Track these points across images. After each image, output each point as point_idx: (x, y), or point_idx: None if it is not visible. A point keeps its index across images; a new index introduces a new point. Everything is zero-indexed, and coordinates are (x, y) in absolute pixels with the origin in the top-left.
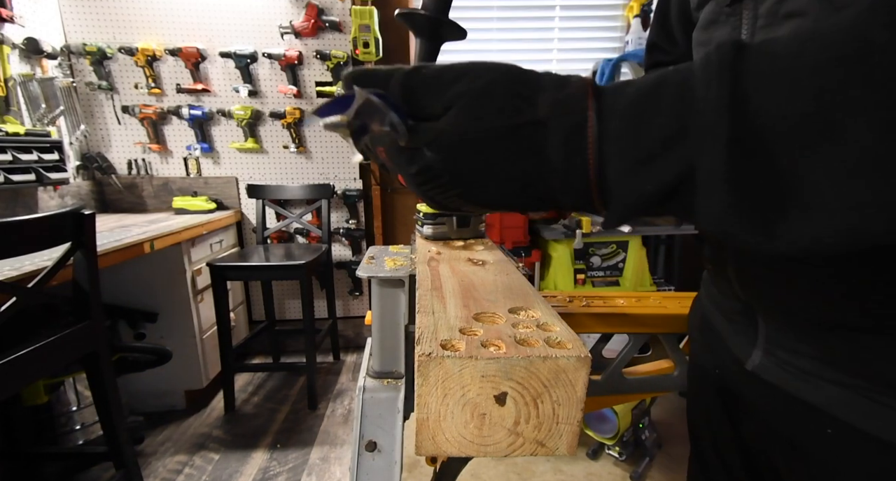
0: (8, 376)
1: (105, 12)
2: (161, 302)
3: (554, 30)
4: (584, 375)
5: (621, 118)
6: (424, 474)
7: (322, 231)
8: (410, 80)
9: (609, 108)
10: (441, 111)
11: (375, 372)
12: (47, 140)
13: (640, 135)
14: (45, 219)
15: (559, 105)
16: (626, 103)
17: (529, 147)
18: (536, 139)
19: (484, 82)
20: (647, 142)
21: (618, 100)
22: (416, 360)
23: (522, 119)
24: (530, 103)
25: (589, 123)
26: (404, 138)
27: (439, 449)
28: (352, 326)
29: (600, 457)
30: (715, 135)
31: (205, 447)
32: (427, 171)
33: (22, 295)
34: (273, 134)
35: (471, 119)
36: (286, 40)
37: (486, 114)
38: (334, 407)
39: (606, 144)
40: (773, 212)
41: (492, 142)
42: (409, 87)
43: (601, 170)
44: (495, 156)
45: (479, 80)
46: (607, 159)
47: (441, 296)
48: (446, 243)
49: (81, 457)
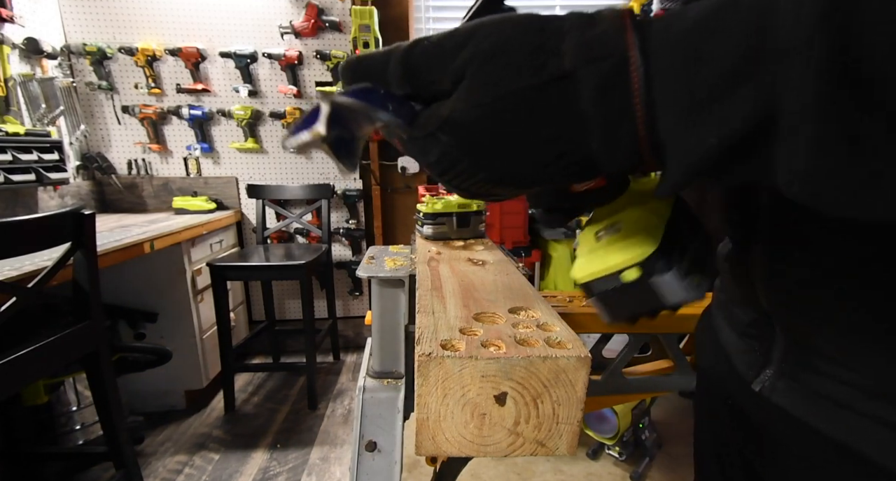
0: (8, 376)
1: (105, 12)
2: (161, 302)
3: None
4: (584, 375)
5: (674, 52)
6: (424, 474)
7: (322, 231)
8: (409, 56)
9: (658, 42)
10: (450, 86)
11: (375, 372)
12: (47, 140)
13: (701, 71)
14: (45, 219)
15: (587, 47)
16: (679, 33)
17: (559, 105)
18: (567, 95)
19: (494, 40)
20: (711, 79)
21: (668, 31)
22: (416, 360)
23: (547, 75)
24: (554, 53)
25: (631, 64)
26: (404, 130)
27: (439, 449)
28: (352, 326)
29: (600, 457)
30: (805, 60)
31: (205, 447)
32: (445, 158)
33: (22, 295)
34: (273, 134)
35: (485, 86)
36: (286, 40)
37: (503, 77)
38: (334, 407)
39: (656, 88)
40: (883, 162)
41: (514, 109)
42: (409, 64)
43: (651, 122)
44: (520, 125)
45: (487, 39)
46: (659, 107)
47: (441, 296)
48: (446, 243)
49: (81, 457)
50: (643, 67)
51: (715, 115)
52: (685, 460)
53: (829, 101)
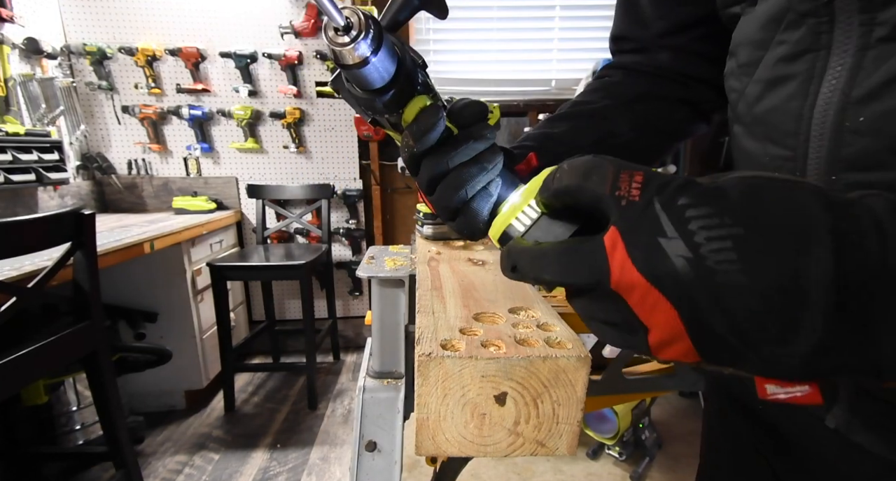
0: (8, 376)
1: (105, 12)
2: (161, 302)
3: (554, 30)
4: (584, 375)
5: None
6: (424, 474)
7: (322, 231)
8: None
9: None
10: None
11: (375, 372)
12: (47, 140)
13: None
14: (45, 219)
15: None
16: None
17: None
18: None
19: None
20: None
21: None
22: (416, 360)
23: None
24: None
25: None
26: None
27: (439, 449)
28: (352, 326)
29: (600, 457)
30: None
31: (205, 447)
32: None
33: (22, 295)
34: (273, 134)
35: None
36: (286, 40)
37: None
38: (334, 407)
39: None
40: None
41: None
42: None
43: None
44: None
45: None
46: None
47: (441, 296)
48: (446, 243)
49: (81, 457)
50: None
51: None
52: (685, 460)
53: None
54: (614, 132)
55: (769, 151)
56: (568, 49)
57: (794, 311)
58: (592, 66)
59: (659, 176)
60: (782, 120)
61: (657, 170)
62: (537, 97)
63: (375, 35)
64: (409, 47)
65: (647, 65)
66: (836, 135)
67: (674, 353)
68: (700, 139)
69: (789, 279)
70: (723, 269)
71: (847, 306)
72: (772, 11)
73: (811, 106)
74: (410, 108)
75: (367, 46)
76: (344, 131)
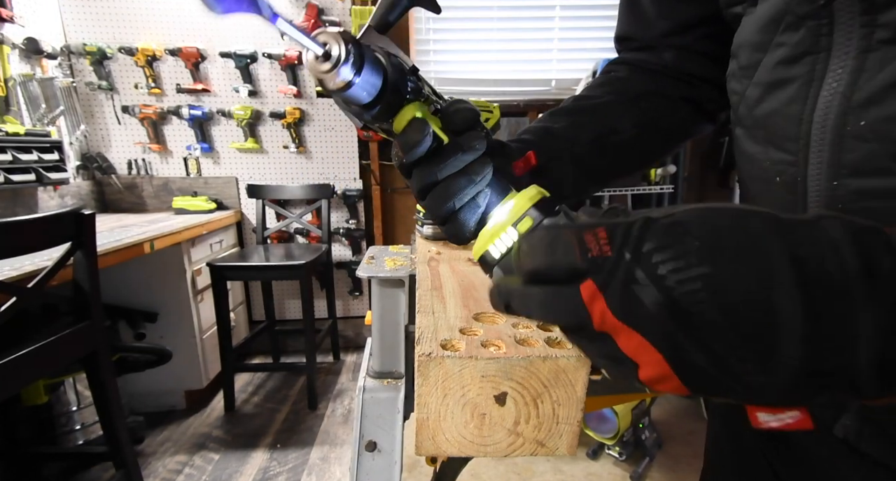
0: (8, 376)
1: (105, 12)
2: (161, 302)
3: (554, 30)
4: (584, 375)
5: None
6: (424, 474)
7: (322, 231)
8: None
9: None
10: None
11: (375, 372)
12: (47, 140)
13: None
14: (45, 219)
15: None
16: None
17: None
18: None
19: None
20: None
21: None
22: (416, 360)
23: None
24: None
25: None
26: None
27: (439, 449)
28: (352, 326)
29: (600, 457)
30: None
31: (205, 447)
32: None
33: (22, 295)
34: (273, 134)
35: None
36: (286, 40)
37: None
38: (334, 407)
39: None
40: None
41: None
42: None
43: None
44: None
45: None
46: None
47: (441, 296)
48: (446, 243)
49: (81, 457)
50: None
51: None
52: (685, 460)
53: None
54: (616, 129)
55: (771, 155)
56: (568, 49)
57: (770, 341)
58: (592, 66)
59: (618, 222)
60: (783, 124)
61: (612, 207)
62: (537, 97)
63: (356, 57)
64: (396, 53)
65: (653, 62)
66: (837, 140)
67: (666, 388)
68: (700, 139)
69: (762, 313)
70: (697, 310)
71: (822, 330)
72: (770, 13)
73: (811, 109)
74: (399, 119)
75: (349, 70)
76: (344, 131)
